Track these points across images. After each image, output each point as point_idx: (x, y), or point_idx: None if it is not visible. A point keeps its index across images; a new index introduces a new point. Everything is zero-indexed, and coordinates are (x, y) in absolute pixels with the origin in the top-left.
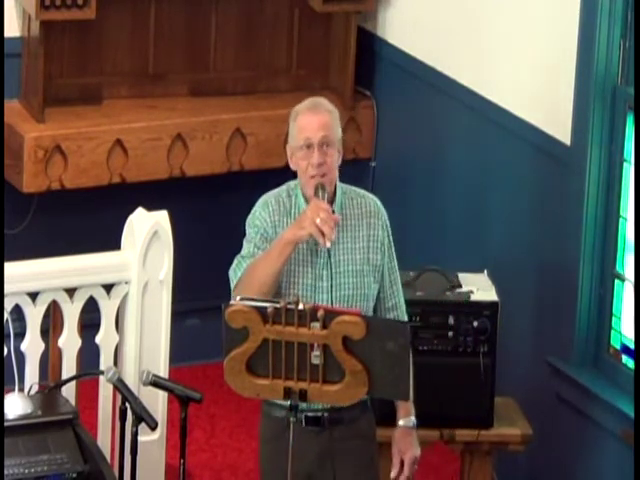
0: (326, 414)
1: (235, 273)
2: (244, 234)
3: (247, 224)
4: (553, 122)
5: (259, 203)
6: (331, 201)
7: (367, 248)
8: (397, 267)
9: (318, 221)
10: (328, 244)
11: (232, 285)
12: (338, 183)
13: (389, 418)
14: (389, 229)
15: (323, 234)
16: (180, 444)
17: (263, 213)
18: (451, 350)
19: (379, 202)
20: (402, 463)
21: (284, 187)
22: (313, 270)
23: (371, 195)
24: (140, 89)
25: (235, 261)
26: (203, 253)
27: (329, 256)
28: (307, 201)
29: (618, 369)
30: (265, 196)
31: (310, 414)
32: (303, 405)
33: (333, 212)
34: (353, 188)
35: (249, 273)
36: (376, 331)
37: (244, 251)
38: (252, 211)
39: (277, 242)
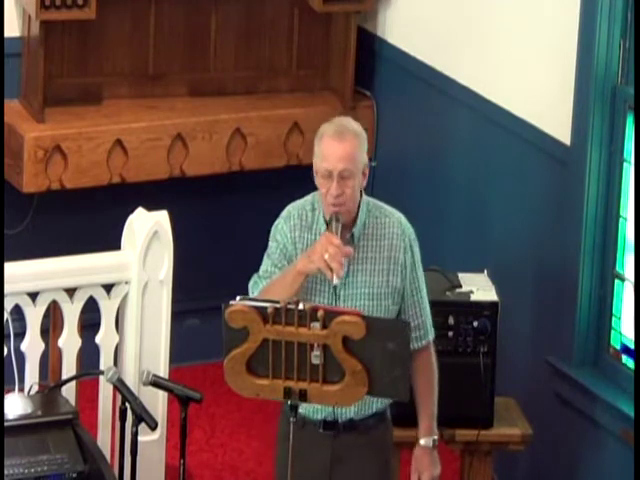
0: (340, 421)
1: (252, 291)
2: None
3: (271, 234)
4: (553, 122)
5: (283, 214)
6: (351, 225)
7: (387, 271)
8: (424, 287)
9: (326, 257)
10: (336, 281)
11: None
12: (365, 200)
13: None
14: (414, 249)
15: (331, 270)
16: (180, 444)
17: (285, 227)
18: (451, 350)
19: (404, 220)
20: None
21: (309, 198)
22: (331, 289)
23: (397, 214)
24: (140, 89)
25: (252, 280)
26: (203, 253)
27: (347, 276)
28: (325, 221)
29: (618, 369)
30: (290, 207)
31: (329, 419)
32: (318, 408)
33: (351, 242)
34: (380, 205)
35: (264, 295)
36: (376, 331)
37: (262, 268)
38: (276, 222)
39: (290, 271)
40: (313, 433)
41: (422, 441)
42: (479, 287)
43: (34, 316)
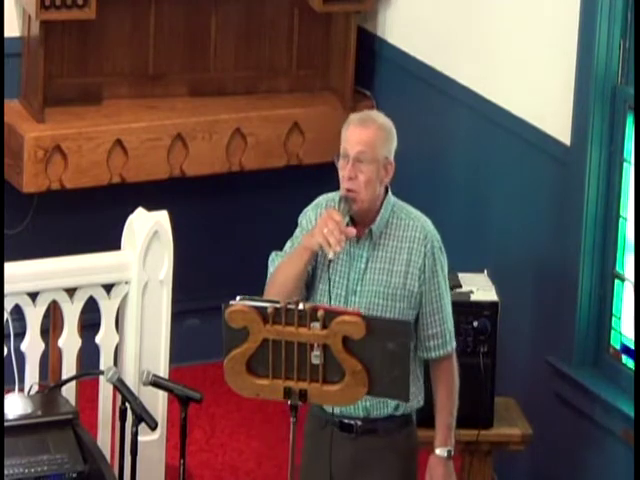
0: (359, 422)
1: (269, 268)
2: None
3: (298, 220)
4: (553, 122)
5: (313, 203)
6: (371, 221)
7: (405, 273)
8: (446, 296)
9: (325, 231)
10: (330, 255)
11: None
12: (390, 199)
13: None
14: (436, 256)
15: (330, 244)
16: (180, 444)
17: (311, 214)
18: None
19: (430, 227)
20: None
21: (340, 191)
22: (347, 283)
23: (423, 219)
24: (140, 89)
25: (271, 256)
26: (203, 253)
27: (365, 272)
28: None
29: (618, 369)
30: (321, 197)
31: (345, 420)
32: (337, 410)
33: (369, 236)
34: (407, 208)
35: (275, 272)
36: (376, 331)
37: (284, 248)
38: (305, 209)
39: (297, 247)
40: (333, 434)
41: (437, 451)
42: (479, 287)
43: (34, 316)
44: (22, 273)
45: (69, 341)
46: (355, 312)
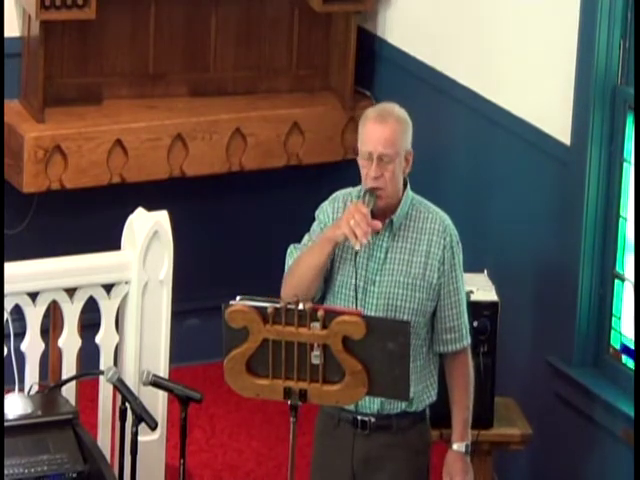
0: (373, 419)
1: (287, 261)
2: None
3: (315, 215)
4: (553, 122)
5: (330, 198)
6: (392, 211)
7: (424, 264)
8: (463, 291)
9: (352, 222)
10: (357, 247)
11: (285, 273)
12: (409, 193)
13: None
14: (454, 250)
15: (356, 236)
16: (180, 444)
17: (329, 208)
18: None
19: (448, 221)
20: None
21: (358, 187)
22: (367, 274)
23: (442, 214)
24: (140, 89)
25: (289, 249)
26: (203, 253)
27: (384, 262)
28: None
29: (618, 369)
30: (337, 192)
31: (358, 417)
32: (352, 407)
33: (389, 225)
34: (426, 203)
35: (295, 264)
36: (376, 331)
37: (302, 241)
38: (321, 204)
39: (320, 238)
40: (347, 432)
41: (455, 446)
42: (479, 287)
43: (34, 316)
44: (22, 273)
45: (69, 341)
46: (355, 312)
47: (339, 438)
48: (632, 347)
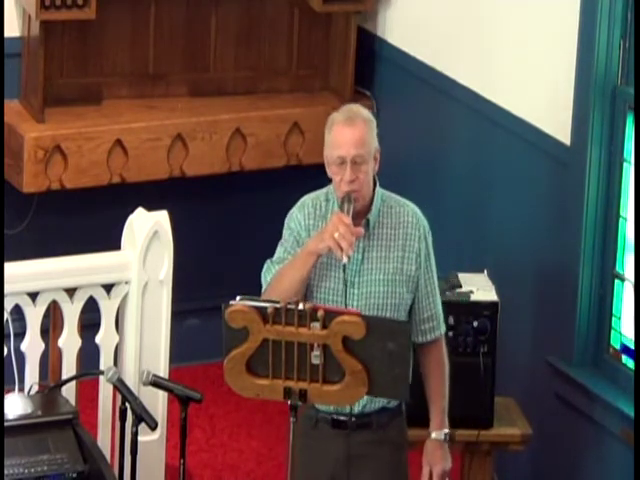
0: (354, 418)
1: (265, 277)
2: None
3: (285, 223)
4: (553, 122)
5: (297, 204)
6: (366, 211)
7: (402, 258)
8: (436, 279)
9: (336, 235)
10: (345, 259)
11: (263, 289)
12: (379, 190)
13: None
14: (428, 240)
15: (341, 248)
16: (180, 444)
17: (299, 215)
18: (451, 350)
19: (419, 212)
20: (431, 475)
21: (324, 190)
22: (345, 276)
23: (412, 205)
24: (140, 89)
25: (265, 265)
26: (203, 253)
27: (362, 263)
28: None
29: (618, 369)
30: (304, 197)
31: (335, 417)
32: (330, 408)
33: (366, 228)
34: (394, 196)
35: (276, 279)
36: (376, 331)
37: (276, 255)
38: (290, 211)
39: (302, 251)
40: (326, 432)
41: (434, 434)
42: (479, 287)
43: (34, 316)
44: (22, 273)
45: (69, 341)
46: (355, 312)
47: (317, 439)
48: (632, 347)
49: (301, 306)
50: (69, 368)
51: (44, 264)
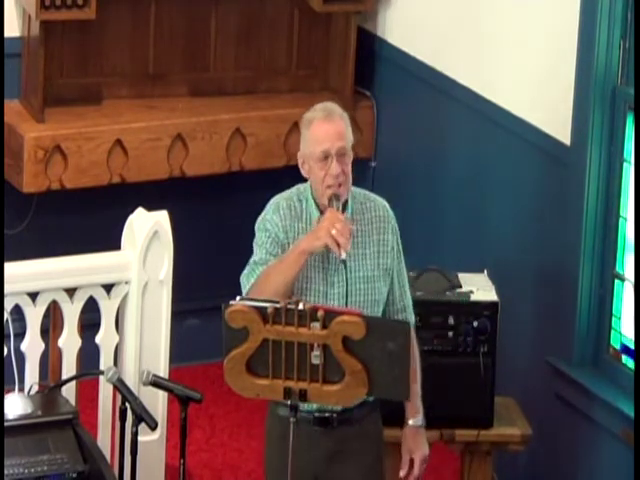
0: (335, 415)
1: (248, 279)
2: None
3: (257, 227)
4: (553, 122)
5: (270, 206)
6: (344, 208)
7: (377, 253)
8: (405, 270)
9: (334, 232)
10: (343, 255)
11: (244, 292)
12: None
13: (395, 417)
14: (398, 232)
15: (339, 245)
16: (180, 444)
17: (274, 217)
18: (451, 350)
19: (387, 205)
20: (411, 462)
21: (294, 190)
22: (325, 277)
23: (380, 198)
24: (140, 89)
25: (247, 268)
26: (203, 253)
27: (339, 262)
28: (319, 208)
29: (618, 369)
30: (276, 199)
31: (317, 414)
32: (313, 406)
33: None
34: (362, 191)
35: (263, 280)
36: (376, 331)
37: (256, 257)
38: (262, 214)
39: (292, 251)
40: (304, 431)
41: (411, 421)
42: (479, 287)
43: (34, 316)
44: (22, 273)
45: (69, 341)
46: (355, 312)
47: (300, 438)
48: (632, 347)
49: (301, 306)
50: (69, 368)
51: (44, 264)
